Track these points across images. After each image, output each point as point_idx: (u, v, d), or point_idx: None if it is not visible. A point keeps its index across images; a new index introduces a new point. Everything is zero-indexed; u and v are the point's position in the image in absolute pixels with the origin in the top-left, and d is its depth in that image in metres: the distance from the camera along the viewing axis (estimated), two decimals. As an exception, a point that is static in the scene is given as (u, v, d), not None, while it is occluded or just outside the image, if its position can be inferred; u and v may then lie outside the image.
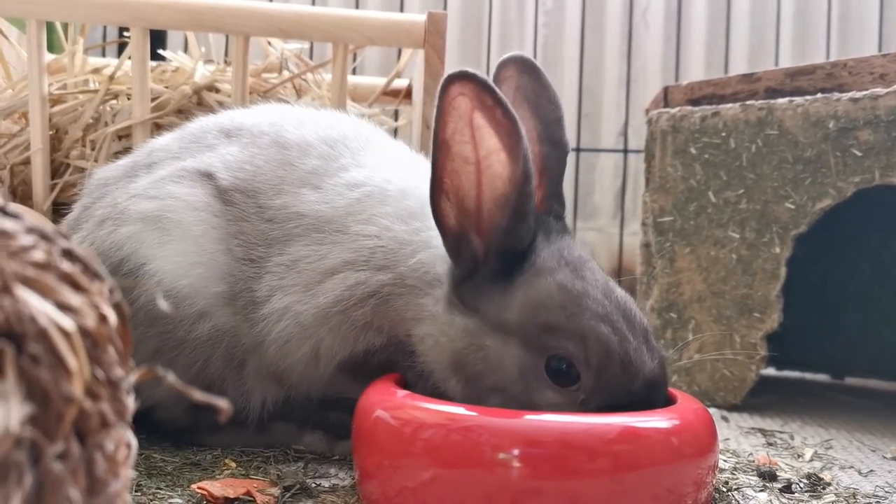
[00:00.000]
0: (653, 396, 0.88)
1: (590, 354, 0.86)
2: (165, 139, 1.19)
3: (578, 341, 0.86)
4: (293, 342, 1.02)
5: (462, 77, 0.86)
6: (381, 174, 1.07)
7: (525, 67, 1.03)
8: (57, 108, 1.63)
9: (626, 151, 2.95)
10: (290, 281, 1.02)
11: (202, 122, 1.19)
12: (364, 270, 0.99)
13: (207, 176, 1.08)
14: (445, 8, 2.95)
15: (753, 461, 1.15)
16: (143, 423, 1.15)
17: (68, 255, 0.45)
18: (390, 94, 1.85)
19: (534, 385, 0.88)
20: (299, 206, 1.05)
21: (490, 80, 0.88)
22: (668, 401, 0.90)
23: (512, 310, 0.90)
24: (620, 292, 0.93)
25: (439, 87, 0.87)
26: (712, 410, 1.47)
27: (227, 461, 1.03)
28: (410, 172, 1.08)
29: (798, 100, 1.49)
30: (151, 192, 1.07)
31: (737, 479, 1.06)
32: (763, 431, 1.38)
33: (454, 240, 0.93)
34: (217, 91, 1.66)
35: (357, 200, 1.04)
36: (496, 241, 0.92)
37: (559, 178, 1.02)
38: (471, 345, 0.91)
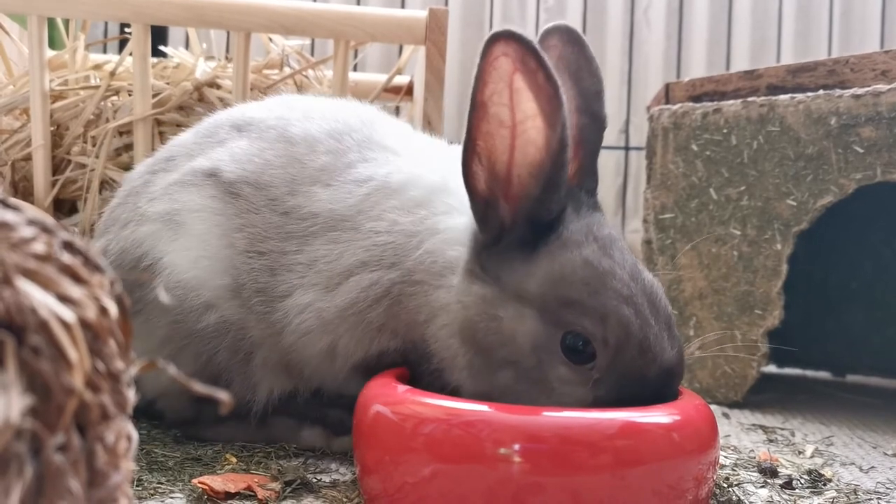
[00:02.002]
0: (667, 385, 0.86)
1: (608, 334, 0.84)
2: (185, 135, 1.21)
3: (598, 320, 0.84)
4: (313, 335, 1.02)
5: (507, 36, 0.83)
6: (385, 167, 1.07)
7: (570, 38, 1.01)
8: (58, 105, 1.63)
9: (627, 148, 2.95)
10: (311, 280, 1.03)
11: (216, 117, 1.21)
12: (376, 270, 0.99)
13: (212, 175, 1.09)
14: (447, 4, 2.94)
15: (754, 457, 1.15)
16: (145, 417, 1.15)
17: (69, 247, 0.45)
18: (391, 90, 1.85)
19: (547, 360, 0.86)
20: (312, 205, 1.06)
21: (536, 42, 0.85)
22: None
23: (533, 280, 0.88)
24: (648, 276, 0.90)
25: (482, 46, 0.84)
26: (713, 407, 1.47)
27: (227, 456, 1.03)
28: (414, 160, 1.08)
29: (800, 96, 1.49)
30: (165, 195, 1.10)
31: (737, 475, 1.06)
32: (764, 428, 1.37)
33: (482, 204, 0.91)
34: (218, 87, 1.66)
35: (366, 196, 1.04)
36: (525, 209, 0.89)
37: (595, 152, 0.99)
38: (485, 313, 0.89)
